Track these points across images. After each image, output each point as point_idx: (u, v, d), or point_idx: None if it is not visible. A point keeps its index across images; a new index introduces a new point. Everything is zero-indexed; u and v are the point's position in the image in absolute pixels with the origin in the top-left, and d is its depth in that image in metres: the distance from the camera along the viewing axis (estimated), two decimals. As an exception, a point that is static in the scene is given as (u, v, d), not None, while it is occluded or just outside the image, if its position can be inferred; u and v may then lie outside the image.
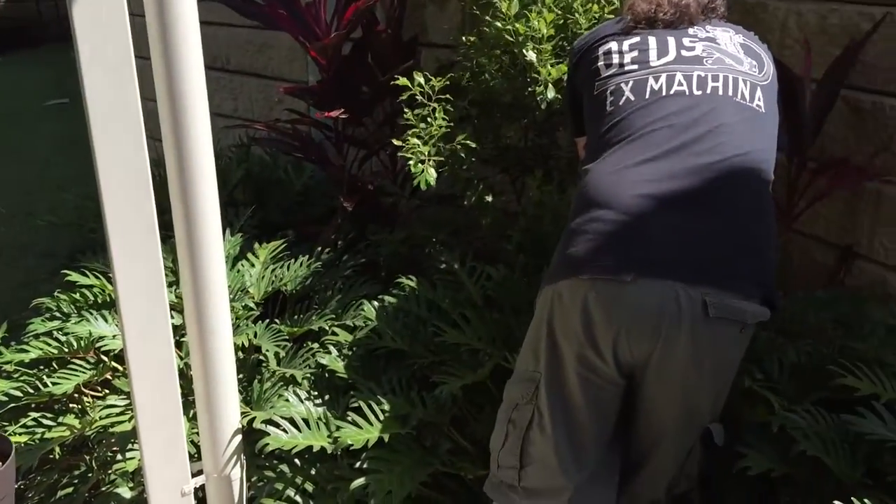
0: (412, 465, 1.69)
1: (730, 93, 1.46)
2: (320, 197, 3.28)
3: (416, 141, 2.08)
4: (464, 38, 2.27)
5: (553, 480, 1.42)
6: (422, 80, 2.13)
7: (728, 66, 1.49)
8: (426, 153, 2.07)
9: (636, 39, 1.55)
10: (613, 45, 1.57)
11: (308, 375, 2.01)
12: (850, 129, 2.03)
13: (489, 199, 2.31)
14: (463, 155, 2.12)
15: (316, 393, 1.96)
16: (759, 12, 2.24)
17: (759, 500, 1.48)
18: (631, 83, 1.50)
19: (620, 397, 1.43)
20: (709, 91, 1.45)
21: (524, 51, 1.98)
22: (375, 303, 2.15)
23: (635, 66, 1.51)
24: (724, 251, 1.34)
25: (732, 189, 1.39)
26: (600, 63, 1.57)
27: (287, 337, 2.15)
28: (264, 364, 2.08)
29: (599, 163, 1.47)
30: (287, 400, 1.91)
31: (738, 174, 1.40)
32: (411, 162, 2.06)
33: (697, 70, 1.47)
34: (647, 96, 1.47)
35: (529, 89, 2.02)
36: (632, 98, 1.48)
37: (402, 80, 2.12)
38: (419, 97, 2.13)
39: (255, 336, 2.12)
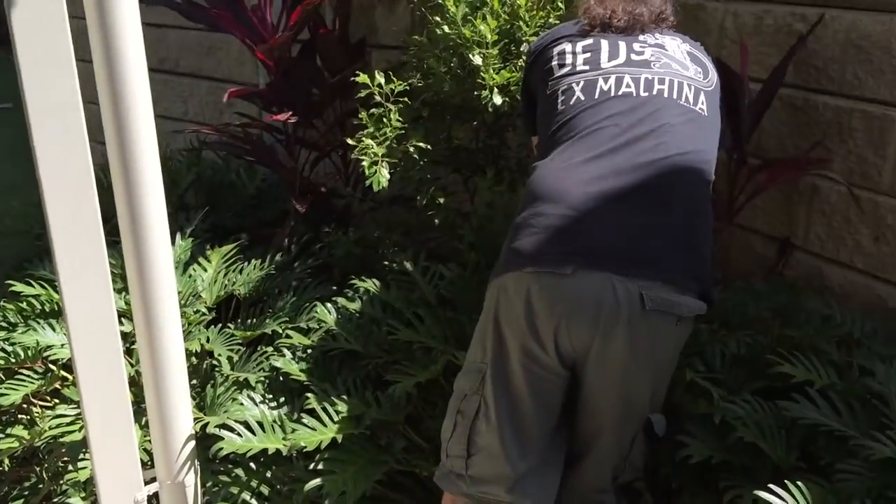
0: (367, 464, 1.70)
1: (674, 95, 1.52)
2: (274, 200, 3.27)
3: (369, 142, 2.09)
4: (414, 37, 2.28)
5: (498, 468, 1.46)
6: (382, 80, 2.14)
7: (674, 71, 1.56)
8: (379, 154, 2.08)
9: (589, 42, 1.61)
10: (567, 47, 1.63)
11: (262, 379, 2.01)
12: (784, 126, 2.11)
13: (441, 199, 2.33)
14: (416, 156, 2.13)
15: (271, 396, 1.97)
16: (698, 13, 2.31)
17: (701, 486, 1.53)
18: (582, 83, 1.55)
19: (563, 388, 1.48)
20: (654, 93, 1.51)
21: (470, 55, 2.01)
22: (329, 305, 2.15)
23: (587, 67, 1.57)
24: (663, 246, 1.39)
25: (673, 186, 1.45)
26: (554, 63, 1.63)
27: (240, 341, 2.14)
28: (218, 369, 2.07)
29: (548, 160, 1.52)
30: (241, 404, 1.91)
31: (679, 172, 1.46)
32: (364, 163, 2.07)
33: (645, 73, 1.54)
34: (596, 96, 1.53)
35: (476, 93, 2.04)
36: (582, 98, 1.54)
37: (363, 78, 2.13)
38: (377, 97, 2.15)
39: (208, 341, 2.11)
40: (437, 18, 2.11)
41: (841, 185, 1.97)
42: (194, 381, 2.11)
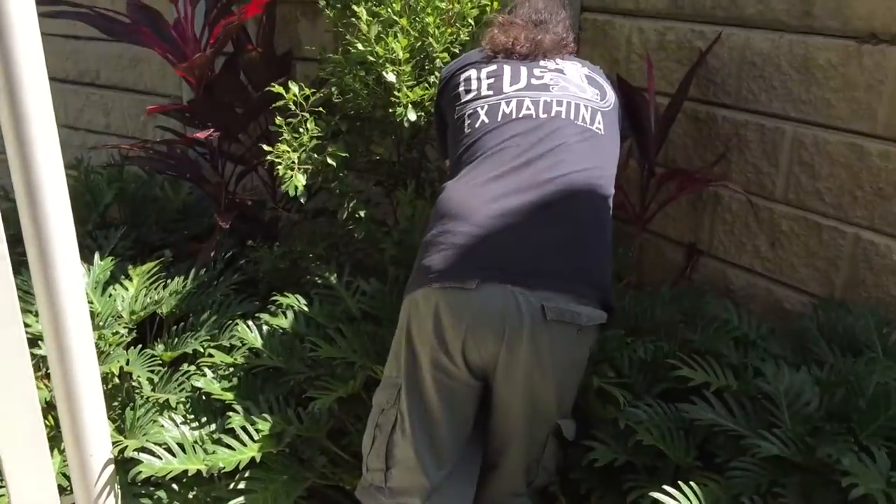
0: (288, 481, 1.72)
1: (572, 116, 1.62)
2: (201, 213, 3.24)
3: (285, 147, 2.12)
4: (329, 55, 2.31)
5: (415, 479, 1.51)
6: (296, 91, 2.17)
7: (572, 94, 1.65)
8: (295, 160, 2.11)
9: (493, 68, 1.71)
10: (473, 73, 1.72)
11: (184, 399, 2.00)
12: (689, 138, 2.21)
13: (362, 212, 2.36)
14: (334, 164, 2.16)
15: (192, 416, 1.96)
16: (607, 28, 2.40)
17: (609, 488, 1.59)
18: (486, 107, 1.64)
19: (475, 398, 1.54)
20: (553, 114, 1.61)
21: (384, 72, 2.05)
22: (252, 322, 2.16)
23: (490, 92, 1.66)
24: (562, 259, 1.47)
25: (571, 201, 1.52)
26: (461, 89, 1.72)
27: (162, 361, 2.13)
28: (138, 391, 2.05)
29: (454, 181, 1.60)
30: (162, 426, 1.90)
31: (577, 188, 1.54)
32: (280, 167, 2.09)
33: (544, 96, 1.63)
34: (499, 119, 1.61)
35: (391, 109, 2.08)
36: (486, 121, 1.63)
37: (277, 88, 2.15)
38: (293, 107, 2.17)
39: (128, 363, 2.09)
40: (350, 38, 2.14)
41: (739, 194, 2.08)
42: (115, 404, 2.09)
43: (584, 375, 1.62)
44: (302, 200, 2.10)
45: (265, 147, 2.17)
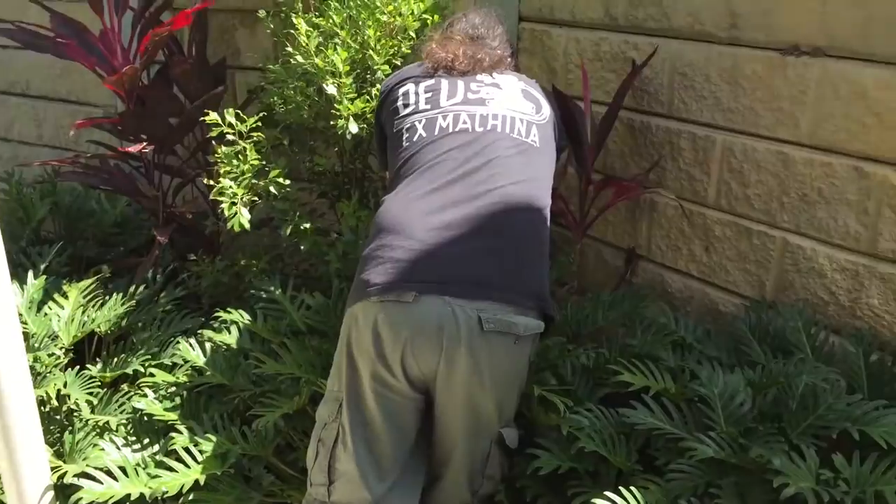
0: (233, 502, 1.70)
1: (507, 130, 1.65)
2: (139, 226, 3.16)
3: (228, 182, 2.08)
4: (269, 66, 2.28)
5: (358, 493, 1.52)
6: (233, 120, 2.12)
7: (508, 107, 1.69)
8: (239, 194, 2.08)
9: (431, 82, 1.74)
10: (411, 87, 1.74)
11: (125, 421, 1.96)
12: (626, 146, 2.27)
13: (307, 225, 2.34)
14: (275, 192, 2.14)
15: (134, 438, 1.93)
16: (545, 39, 2.44)
17: (554, 494, 1.63)
18: (424, 121, 1.67)
19: (416, 410, 1.56)
20: (489, 128, 1.64)
21: (325, 85, 2.04)
22: (194, 339, 2.12)
23: (428, 107, 1.69)
24: (499, 269, 1.49)
25: (508, 213, 1.55)
26: (399, 103, 1.74)
27: (101, 382, 2.08)
28: (77, 413, 2.00)
29: (393, 194, 1.61)
30: (102, 449, 1.86)
31: (513, 200, 1.57)
32: (224, 205, 2.06)
33: (480, 110, 1.66)
34: (436, 133, 1.64)
35: (332, 122, 2.07)
36: (423, 135, 1.65)
37: (212, 118, 2.10)
38: (230, 135, 2.13)
39: (65, 385, 2.03)
40: (290, 49, 2.12)
41: (673, 200, 2.14)
42: (53, 428, 2.04)
43: (525, 384, 1.65)
44: (247, 226, 2.06)
45: (207, 182, 2.13)
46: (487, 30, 1.83)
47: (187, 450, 1.78)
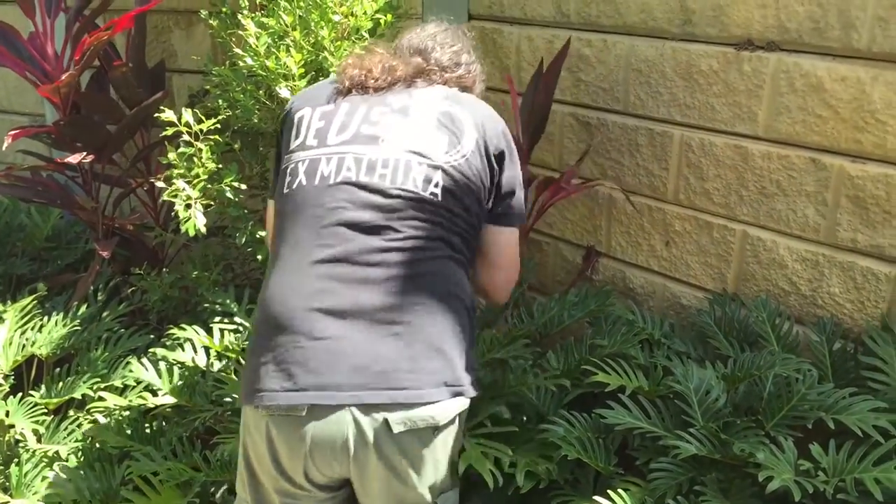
0: (201, 530, 1.62)
1: (399, 181, 1.33)
2: (74, 239, 3.01)
3: (181, 184, 1.98)
4: (214, 69, 2.19)
5: None
6: (190, 119, 2.01)
7: (405, 147, 1.35)
8: (193, 197, 1.97)
9: (328, 108, 1.43)
10: (307, 113, 1.44)
11: (76, 449, 1.85)
12: (583, 143, 2.26)
13: (262, 233, 2.26)
14: (231, 196, 2.05)
15: (87, 468, 1.81)
16: (496, 38, 2.42)
17: None
18: (307, 163, 1.38)
19: (340, 501, 1.40)
20: (376, 179, 1.33)
21: (277, 88, 1.96)
22: (146, 358, 2.02)
23: (314, 143, 1.40)
24: (402, 363, 1.26)
25: (408, 288, 1.29)
26: (293, 132, 1.45)
27: (46, 409, 1.96)
28: (22, 444, 1.88)
29: (273, 270, 1.36)
30: (52, 481, 1.75)
31: (413, 270, 1.31)
32: (178, 207, 1.95)
33: (370, 153, 1.35)
34: (316, 182, 1.35)
35: (285, 126, 2.00)
36: (304, 182, 1.37)
37: (167, 117, 1.99)
38: (186, 136, 2.02)
39: (8, 414, 1.90)
40: (239, 50, 2.04)
41: (621, 193, 2.14)
42: (-5, 461, 1.91)
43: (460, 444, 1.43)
44: (203, 231, 1.95)
45: (158, 183, 2.02)
46: (437, 44, 1.52)
47: (146, 478, 1.68)
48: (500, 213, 1.45)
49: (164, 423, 1.93)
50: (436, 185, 1.34)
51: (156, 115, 1.98)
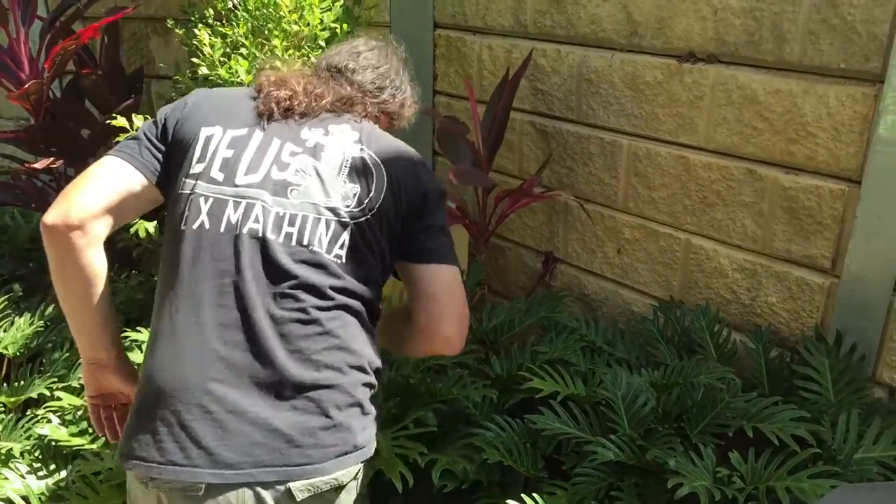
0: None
1: (305, 240, 1.22)
2: (55, 241, 3.08)
3: None
4: (178, 76, 2.24)
5: None
6: (140, 124, 2.07)
7: (314, 199, 1.25)
8: None
9: (240, 134, 1.28)
10: (216, 134, 1.28)
11: (30, 447, 1.90)
12: (540, 151, 2.29)
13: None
14: None
15: (40, 465, 1.87)
16: (460, 46, 2.45)
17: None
18: (211, 201, 1.24)
19: None
20: (282, 238, 1.22)
21: (230, 96, 2.01)
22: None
23: (221, 177, 1.25)
24: (300, 439, 1.19)
25: (306, 367, 1.20)
26: (195, 149, 1.27)
27: (5, 407, 2.01)
28: (-20, 441, 1.93)
29: (169, 321, 1.21)
30: (6, 478, 1.80)
31: (313, 349, 1.21)
32: None
33: (278, 206, 1.23)
34: (221, 229, 1.22)
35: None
36: (206, 225, 1.22)
37: (120, 121, 2.04)
38: None
39: (-32, 412, 1.96)
40: (196, 60, 2.08)
41: (583, 203, 2.17)
42: (-45, 457, 1.96)
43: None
44: (142, 235, 2.00)
45: None
46: (360, 65, 1.41)
47: (96, 474, 1.73)
48: (433, 248, 1.31)
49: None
50: (341, 246, 1.24)
51: (108, 121, 2.03)
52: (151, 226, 2.00)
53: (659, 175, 1.98)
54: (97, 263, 1.23)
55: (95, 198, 1.21)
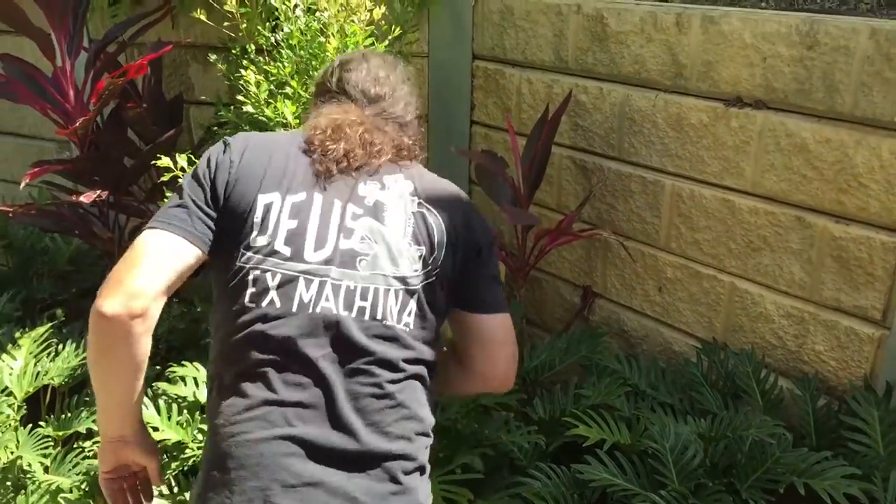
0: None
1: (377, 314, 1.18)
2: (93, 263, 3.12)
3: None
4: (221, 112, 2.27)
5: None
6: (185, 164, 2.09)
7: (382, 272, 1.20)
8: None
9: (301, 198, 1.21)
10: (275, 201, 1.20)
11: (78, 483, 1.93)
12: (579, 186, 2.29)
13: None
14: None
15: (89, 500, 1.90)
16: (499, 79, 2.46)
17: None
18: (279, 277, 1.16)
19: None
20: (354, 313, 1.17)
21: (275, 136, 2.03)
22: (149, 390, 2.10)
23: (288, 252, 1.17)
24: (372, 498, 1.17)
25: (379, 440, 1.18)
26: (256, 221, 1.19)
27: (53, 441, 2.05)
28: (29, 475, 1.97)
29: (229, 399, 1.18)
30: (56, 514, 1.83)
31: (386, 422, 1.18)
32: None
33: (348, 280, 1.18)
34: (294, 308, 1.16)
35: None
36: (277, 304, 1.16)
37: (164, 162, 2.07)
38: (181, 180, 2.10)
39: (17, 446, 2.00)
40: (241, 97, 2.11)
41: (627, 240, 2.16)
42: (5, 490, 2.00)
43: None
44: None
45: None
46: (390, 88, 1.35)
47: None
48: (491, 298, 1.30)
49: (165, 457, 2.00)
50: (409, 314, 1.21)
51: (152, 162, 2.06)
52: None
53: (703, 217, 1.97)
54: (148, 346, 1.17)
55: (155, 281, 1.14)
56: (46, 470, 1.99)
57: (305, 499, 1.13)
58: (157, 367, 2.35)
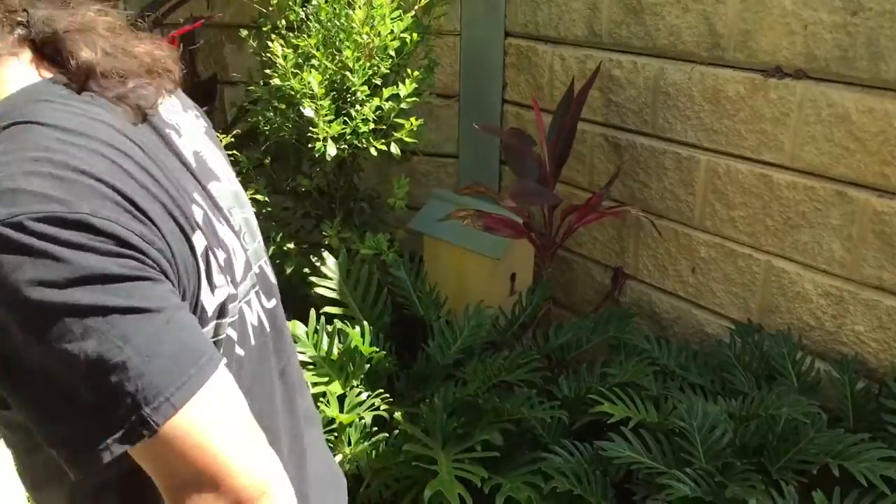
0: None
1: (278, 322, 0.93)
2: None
3: None
4: (252, 87, 2.27)
5: None
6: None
7: (264, 257, 0.94)
8: None
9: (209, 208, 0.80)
10: (200, 242, 0.74)
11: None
12: (611, 163, 2.23)
13: (290, 246, 2.33)
14: (254, 209, 2.12)
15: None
16: (531, 56, 2.41)
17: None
18: (235, 325, 0.80)
19: None
20: (277, 325, 0.92)
21: (301, 107, 2.02)
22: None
23: (232, 289, 0.79)
24: None
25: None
26: (213, 270, 0.75)
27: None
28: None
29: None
30: None
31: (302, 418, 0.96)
32: None
33: (264, 299, 0.90)
34: (252, 342, 0.84)
35: (310, 145, 2.06)
36: (241, 353, 0.81)
37: None
38: None
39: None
40: (269, 71, 2.10)
41: (659, 219, 2.10)
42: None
43: None
44: None
45: None
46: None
47: None
48: None
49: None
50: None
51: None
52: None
53: (739, 193, 1.91)
54: None
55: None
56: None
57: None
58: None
